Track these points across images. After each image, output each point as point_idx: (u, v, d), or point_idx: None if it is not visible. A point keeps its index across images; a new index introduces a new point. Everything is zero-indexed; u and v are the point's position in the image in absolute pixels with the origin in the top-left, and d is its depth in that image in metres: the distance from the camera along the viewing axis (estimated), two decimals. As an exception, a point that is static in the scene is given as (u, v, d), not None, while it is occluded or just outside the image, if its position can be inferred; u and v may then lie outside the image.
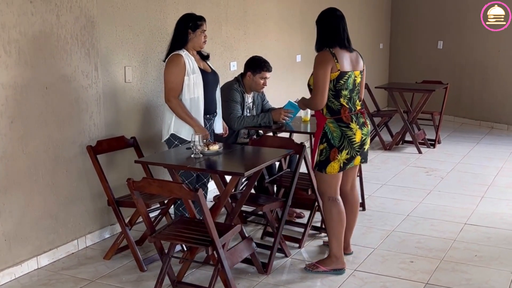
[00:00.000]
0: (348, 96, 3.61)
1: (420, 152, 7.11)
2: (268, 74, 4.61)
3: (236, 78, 4.69)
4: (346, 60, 3.58)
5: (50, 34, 3.73)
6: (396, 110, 7.37)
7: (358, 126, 3.62)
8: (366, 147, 3.72)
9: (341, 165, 3.62)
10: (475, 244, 4.19)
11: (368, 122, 3.75)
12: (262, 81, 4.59)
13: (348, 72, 3.58)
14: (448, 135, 8.22)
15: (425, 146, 7.39)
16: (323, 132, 3.62)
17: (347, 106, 3.60)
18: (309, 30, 7.27)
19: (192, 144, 3.57)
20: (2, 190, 3.54)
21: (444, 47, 9.46)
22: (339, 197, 3.71)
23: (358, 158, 3.68)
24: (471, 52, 9.04)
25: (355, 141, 3.61)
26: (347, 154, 3.60)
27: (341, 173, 3.68)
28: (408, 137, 7.47)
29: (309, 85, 3.71)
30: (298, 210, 4.69)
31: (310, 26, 7.25)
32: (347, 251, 3.94)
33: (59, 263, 3.89)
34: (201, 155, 3.57)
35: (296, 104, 4.78)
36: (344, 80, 3.56)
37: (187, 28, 3.99)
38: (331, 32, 3.61)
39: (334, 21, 3.62)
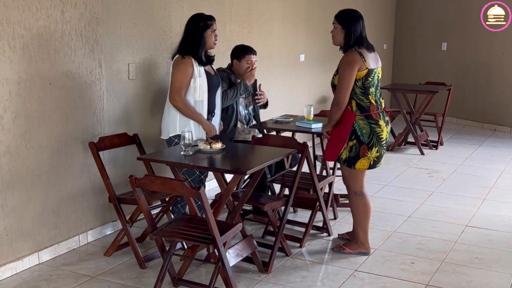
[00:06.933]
0: (374, 93, 3.78)
1: (422, 153, 7.11)
2: (253, 57, 4.62)
3: (228, 65, 4.76)
4: (370, 58, 3.76)
5: (55, 30, 3.74)
6: (399, 111, 7.35)
7: (384, 124, 3.79)
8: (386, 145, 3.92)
9: (371, 162, 3.80)
10: (476, 246, 4.19)
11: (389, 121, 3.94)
12: (248, 65, 4.59)
13: (374, 69, 3.76)
14: (450, 137, 8.21)
15: (428, 148, 7.38)
16: (352, 129, 3.75)
17: (375, 104, 3.76)
18: (314, 30, 7.34)
19: (182, 142, 3.57)
20: (5, 185, 3.55)
21: (448, 48, 9.44)
22: (365, 191, 3.93)
23: (384, 157, 3.87)
24: (475, 54, 9.02)
25: (382, 138, 3.77)
26: (377, 152, 3.78)
27: (366, 170, 3.86)
28: (410, 138, 7.46)
29: (333, 85, 3.84)
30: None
31: (314, 26, 7.32)
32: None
33: (60, 259, 3.89)
34: (191, 153, 3.57)
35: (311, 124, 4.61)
36: (371, 77, 3.74)
37: (198, 28, 3.99)
38: (357, 35, 3.76)
39: (357, 24, 3.77)
